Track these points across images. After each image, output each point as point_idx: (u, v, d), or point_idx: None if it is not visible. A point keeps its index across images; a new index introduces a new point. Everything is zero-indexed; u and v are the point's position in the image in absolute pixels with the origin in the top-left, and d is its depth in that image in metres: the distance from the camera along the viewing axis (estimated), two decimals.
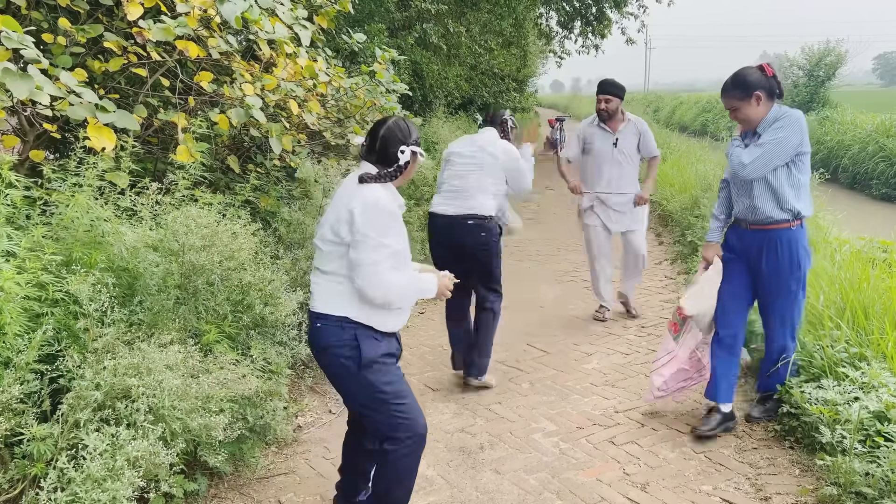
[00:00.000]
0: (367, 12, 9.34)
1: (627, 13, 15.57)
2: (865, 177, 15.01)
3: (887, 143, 14.83)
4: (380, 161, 2.52)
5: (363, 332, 2.43)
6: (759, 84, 3.22)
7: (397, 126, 2.53)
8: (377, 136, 2.52)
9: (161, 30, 3.92)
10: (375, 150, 2.52)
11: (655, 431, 3.52)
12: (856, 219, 9.95)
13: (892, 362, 3.22)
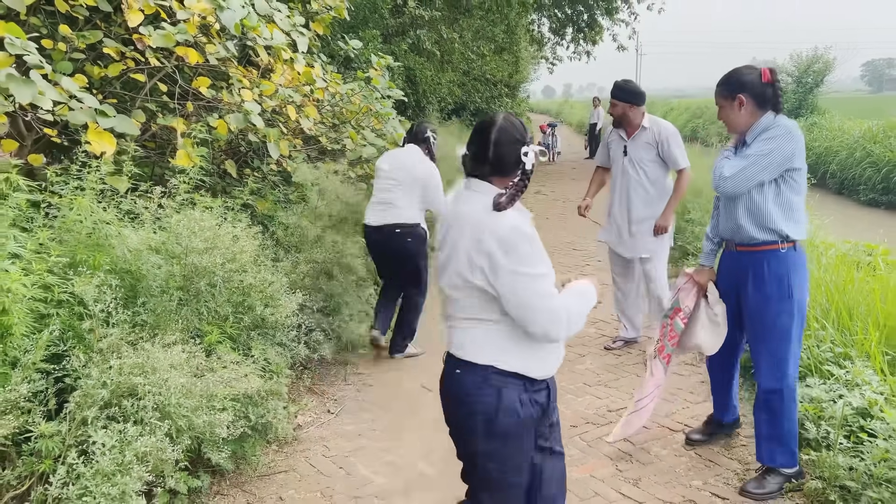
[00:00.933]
0: (361, 18, 9.43)
1: (619, 20, 15.76)
2: (853, 182, 15.21)
3: (874, 149, 15.04)
4: (497, 172, 2.01)
5: (513, 385, 2.00)
6: (747, 87, 2.91)
7: (511, 125, 2.02)
8: (487, 141, 1.99)
9: (161, 36, 4.00)
10: (489, 159, 1.99)
11: (647, 429, 3.60)
12: (843, 224, 10.08)
13: (874, 361, 3.32)
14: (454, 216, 2.05)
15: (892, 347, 3.47)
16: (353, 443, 3.55)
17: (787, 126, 2.87)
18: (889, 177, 14.05)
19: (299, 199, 5.09)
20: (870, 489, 2.65)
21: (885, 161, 14.34)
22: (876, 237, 6.10)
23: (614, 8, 15.29)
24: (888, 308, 3.61)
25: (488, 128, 2.01)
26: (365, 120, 6.19)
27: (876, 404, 2.96)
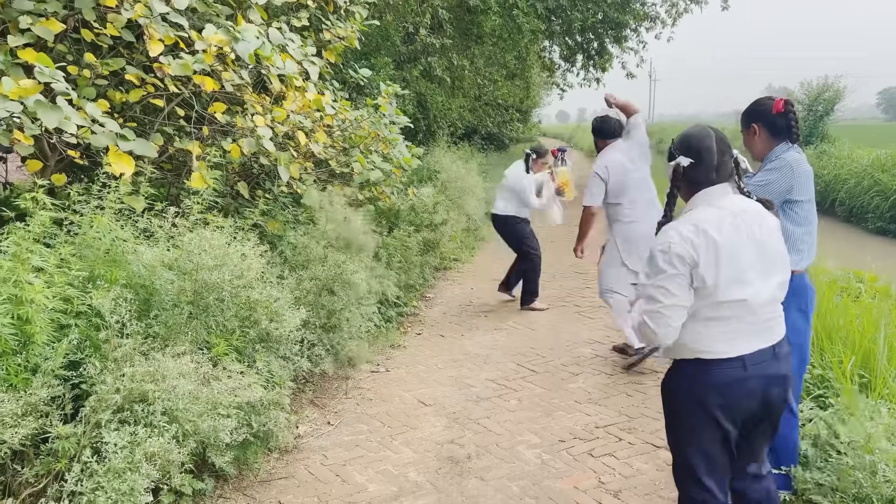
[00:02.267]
0: (373, 46, 9.72)
1: (628, 48, 16.01)
2: (861, 210, 15.27)
3: (882, 177, 15.11)
4: (734, 174, 2.31)
5: None
6: (761, 117, 3.05)
7: (717, 132, 2.30)
8: (722, 148, 2.27)
9: (180, 65, 4.25)
10: (723, 165, 2.27)
11: (632, 445, 3.75)
12: (850, 251, 10.18)
13: (846, 382, 3.46)
14: (726, 222, 2.19)
15: (867, 370, 3.61)
16: (351, 452, 3.72)
17: (789, 160, 2.97)
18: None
19: (308, 219, 5.31)
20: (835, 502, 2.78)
21: (893, 189, 14.41)
22: (883, 265, 6.20)
23: (623, 37, 15.54)
24: (864, 332, 3.75)
25: (709, 140, 2.26)
26: (373, 145, 6.42)
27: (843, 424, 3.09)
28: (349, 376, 4.79)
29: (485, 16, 11.92)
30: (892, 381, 3.42)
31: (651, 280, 2.23)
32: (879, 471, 2.60)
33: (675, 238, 2.17)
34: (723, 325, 2.23)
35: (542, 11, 12.84)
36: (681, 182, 2.31)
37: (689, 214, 2.25)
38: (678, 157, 2.28)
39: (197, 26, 4.70)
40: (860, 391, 3.47)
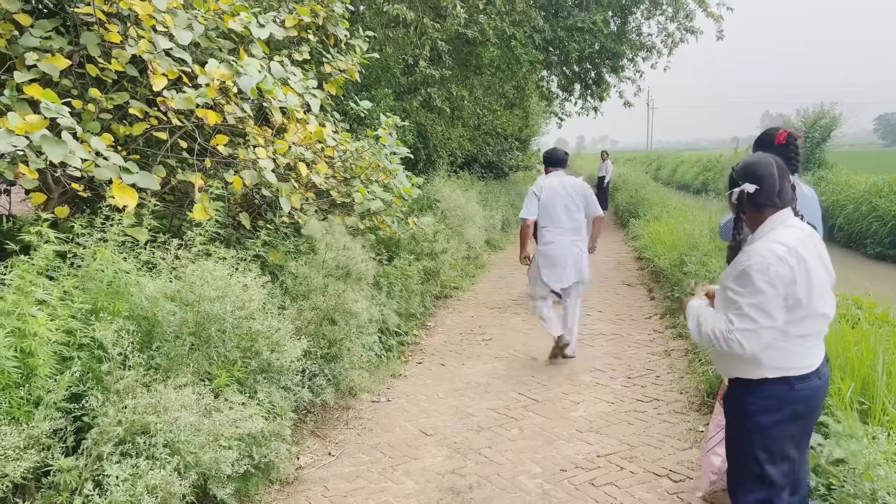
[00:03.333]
0: (374, 78, 9.84)
1: (625, 77, 16.18)
2: (860, 236, 15.31)
3: (880, 203, 15.17)
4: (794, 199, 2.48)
5: None
6: (761, 147, 3.33)
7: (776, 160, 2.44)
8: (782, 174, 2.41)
9: (183, 99, 4.33)
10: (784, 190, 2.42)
11: (633, 474, 3.74)
12: (849, 277, 10.19)
13: (846, 411, 3.46)
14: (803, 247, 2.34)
15: (867, 397, 3.61)
16: (352, 483, 3.71)
17: None
18: (895, 230, 14.15)
19: (309, 249, 5.34)
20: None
21: (891, 215, 14.46)
22: (872, 291, 6.22)
23: (620, 66, 15.70)
24: (863, 359, 3.76)
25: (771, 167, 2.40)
26: (374, 175, 6.48)
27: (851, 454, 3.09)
28: (350, 406, 4.79)
29: (483, 47, 12.08)
30: (892, 408, 3.42)
31: (747, 299, 2.30)
32: (879, 498, 2.60)
33: (772, 259, 2.28)
34: (809, 341, 2.38)
35: (540, 43, 13.00)
36: (746, 207, 2.43)
37: (772, 235, 2.36)
38: (743, 185, 2.41)
39: (200, 60, 4.78)
40: (860, 418, 3.46)
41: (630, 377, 5.40)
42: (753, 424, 2.44)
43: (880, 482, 2.65)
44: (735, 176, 2.48)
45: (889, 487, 2.61)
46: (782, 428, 2.41)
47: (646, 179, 22.56)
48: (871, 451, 2.88)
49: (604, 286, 9.15)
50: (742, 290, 2.31)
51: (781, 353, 2.35)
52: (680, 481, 3.65)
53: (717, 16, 14.47)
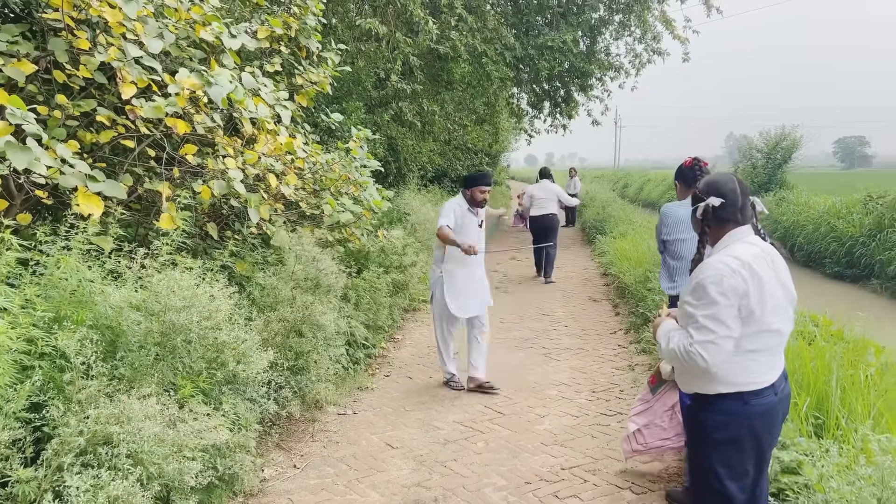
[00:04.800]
0: (345, 91, 9.87)
1: (593, 96, 16.45)
2: (819, 255, 15.70)
3: (838, 224, 15.59)
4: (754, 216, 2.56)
5: None
6: (677, 175, 4.12)
7: (737, 177, 2.56)
8: (744, 190, 2.51)
9: (153, 108, 4.31)
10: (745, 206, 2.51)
11: (596, 487, 3.79)
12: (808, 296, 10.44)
13: (801, 424, 3.56)
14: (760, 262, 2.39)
15: (822, 411, 3.72)
16: (317, 496, 3.70)
17: (663, 211, 4.09)
18: (852, 251, 14.55)
19: (277, 261, 5.33)
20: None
21: (848, 236, 14.88)
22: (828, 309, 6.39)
23: (589, 85, 15.97)
24: (819, 375, 3.88)
25: (738, 183, 2.50)
26: (344, 187, 6.50)
27: (802, 464, 3.18)
28: (316, 419, 4.78)
29: (455, 63, 12.20)
30: (845, 422, 3.53)
31: (702, 311, 2.34)
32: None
33: (725, 271, 2.33)
34: (761, 356, 2.41)
35: (511, 60, 13.18)
36: (711, 221, 2.50)
37: (728, 250, 2.43)
38: (708, 199, 2.48)
39: (170, 69, 4.77)
40: (815, 432, 3.57)
41: (594, 391, 5.47)
42: (711, 440, 2.46)
43: (832, 494, 2.73)
44: (699, 192, 2.54)
45: (840, 499, 2.70)
46: (739, 443, 2.44)
47: (613, 197, 22.89)
48: (823, 463, 2.96)
49: (570, 301, 9.25)
50: (697, 302, 2.36)
51: (734, 367, 2.39)
52: (641, 493, 3.71)
53: (684, 38, 14.82)
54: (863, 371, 4.01)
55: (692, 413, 2.56)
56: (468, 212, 5.59)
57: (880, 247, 13.65)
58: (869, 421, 3.38)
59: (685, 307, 2.43)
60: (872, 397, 3.75)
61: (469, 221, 5.58)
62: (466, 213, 5.59)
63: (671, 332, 2.51)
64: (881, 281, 13.03)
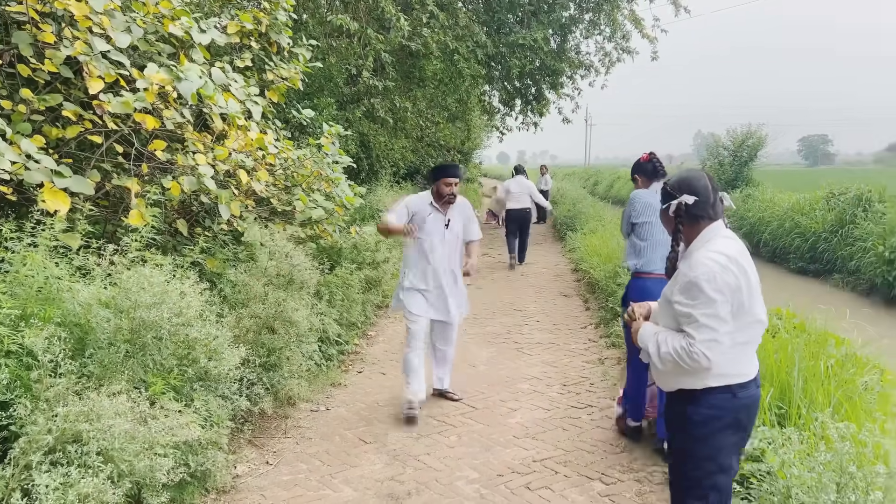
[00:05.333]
0: (316, 87, 9.84)
1: (564, 94, 16.60)
2: (783, 251, 16.03)
3: (802, 220, 15.92)
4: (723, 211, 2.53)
5: None
6: (636, 170, 4.38)
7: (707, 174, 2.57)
8: (715, 186, 2.51)
9: (121, 103, 4.26)
10: (717, 202, 2.50)
11: (567, 478, 3.85)
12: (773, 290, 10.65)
13: (764, 414, 3.66)
14: (744, 256, 2.42)
15: (784, 401, 3.83)
16: (290, 492, 3.70)
17: (632, 196, 4.33)
18: (815, 246, 14.88)
19: (248, 257, 5.30)
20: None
21: (812, 231, 15.21)
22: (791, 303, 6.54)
23: (560, 83, 16.12)
24: (782, 366, 3.98)
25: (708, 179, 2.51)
26: (316, 183, 6.48)
27: (765, 451, 3.28)
28: (289, 415, 4.77)
29: (426, 60, 12.22)
30: (806, 411, 3.63)
31: (702, 310, 2.30)
32: (793, 495, 2.76)
33: (716, 268, 2.31)
34: (748, 348, 2.44)
35: (482, 57, 13.24)
36: (684, 219, 2.48)
37: (710, 245, 2.40)
38: (681, 197, 2.46)
39: (138, 64, 4.71)
40: (778, 421, 3.67)
41: (565, 385, 5.54)
42: (699, 435, 2.43)
43: (794, 480, 2.82)
44: (670, 189, 2.53)
45: (802, 485, 2.78)
46: (726, 437, 2.42)
47: (583, 194, 23.07)
48: (785, 450, 3.05)
49: (542, 297, 9.34)
50: (693, 301, 2.32)
51: (725, 360, 2.36)
52: (611, 484, 3.78)
53: (653, 37, 15.02)
54: (824, 362, 4.12)
55: (676, 410, 2.51)
56: (433, 209, 4.90)
57: (842, 242, 13.98)
58: (829, 409, 3.48)
59: (677, 307, 2.37)
60: (832, 387, 3.86)
61: (433, 221, 4.88)
62: (430, 210, 4.89)
63: (658, 336, 2.46)
64: (842, 275, 13.34)
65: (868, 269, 12.43)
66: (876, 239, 12.59)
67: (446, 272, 4.94)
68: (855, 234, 13.69)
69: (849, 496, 2.58)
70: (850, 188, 15.33)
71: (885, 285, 11.67)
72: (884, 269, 11.82)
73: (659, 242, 4.13)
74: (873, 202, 14.33)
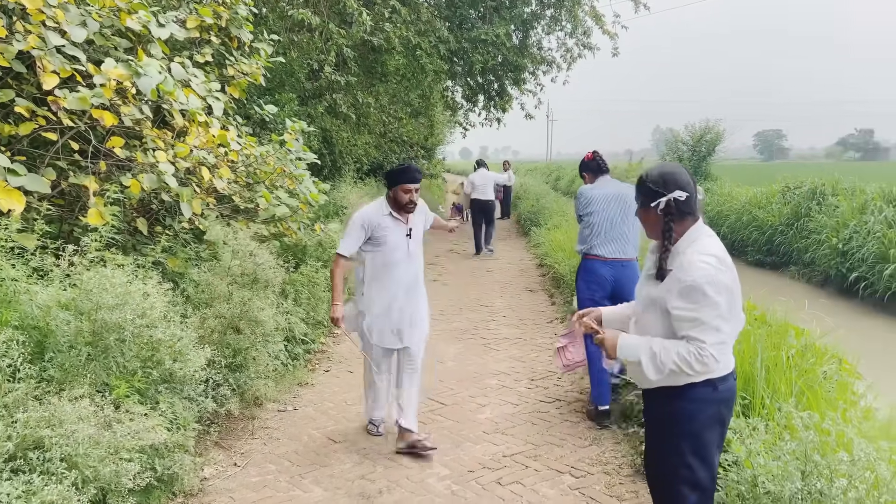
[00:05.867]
0: (278, 82, 9.71)
1: (526, 90, 16.68)
2: (742, 244, 16.39)
3: (759, 213, 16.30)
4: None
5: None
6: (583, 168, 4.96)
7: (685, 167, 2.51)
8: (694, 180, 2.42)
9: (77, 99, 4.14)
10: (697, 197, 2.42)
11: (537, 472, 3.88)
12: None
13: None
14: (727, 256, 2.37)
15: (748, 392, 3.90)
16: (259, 493, 3.65)
17: (579, 191, 4.85)
18: (772, 239, 15.24)
19: (211, 256, 5.20)
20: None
21: (768, 225, 15.57)
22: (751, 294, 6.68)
23: (522, 79, 16.19)
24: (744, 357, 4.07)
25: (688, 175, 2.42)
26: (279, 180, 6.40)
27: (731, 442, 3.34)
28: (256, 416, 4.71)
29: (389, 55, 12.15)
30: (769, 401, 3.72)
31: (708, 312, 2.23)
32: (760, 484, 2.82)
33: (711, 270, 2.24)
34: (732, 341, 2.40)
35: (445, 53, 13.22)
36: (675, 216, 2.36)
37: (697, 246, 2.32)
38: (673, 193, 2.34)
39: (95, 59, 4.59)
40: (743, 412, 3.74)
41: (533, 379, 5.58)
42: (683, 430, 2.39)
43: (760, 469, 2.88)
44: (654, 186, 2.39)
45: (768, 474, 2.84)
46: (709, 432, 2.39)
47: (546, 189, 23.23)
48: (751, 440, 3.12)
49: (508, 292, 9.38)
50: (696, 305, 2.24)
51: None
52: (581, 477, 3.82)
53: (613, 33, 15.17)
54: (785, 352, 4.21)
55: (658, 408, 2.48)
56: (392, 220, 4.19)
57: (797, 235, 14.35)
58: (792, 399, 3.56)
59: (678, 312, 2.28)
60: (794, 377, 3.95)
61: (394, 233, 4.18)
62: (389, 221, 4.17)
63: (653, 346, 2.35)
64: (798, 267, 13.71)
65: (822, 260, 12.79)
66: (830, 231, 12.95)
67: (411, 289, 4.24)
68: (810, 226, 14.07)
69: (814, 484, 2.64)
70: (805, 182, 15.73)
71: (839, 276, 12.02)
72: (837, 260, 12.17)
73: (600, 231, 4.62)
74: (827, 195, 14.73)
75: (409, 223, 4.24)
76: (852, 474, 2.56)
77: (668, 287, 2.32)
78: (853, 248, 11.84)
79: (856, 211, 12.92)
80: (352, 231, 4.16)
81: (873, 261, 11.20)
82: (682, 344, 2.29)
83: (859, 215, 12.66)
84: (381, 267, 4.18)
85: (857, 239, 11.89)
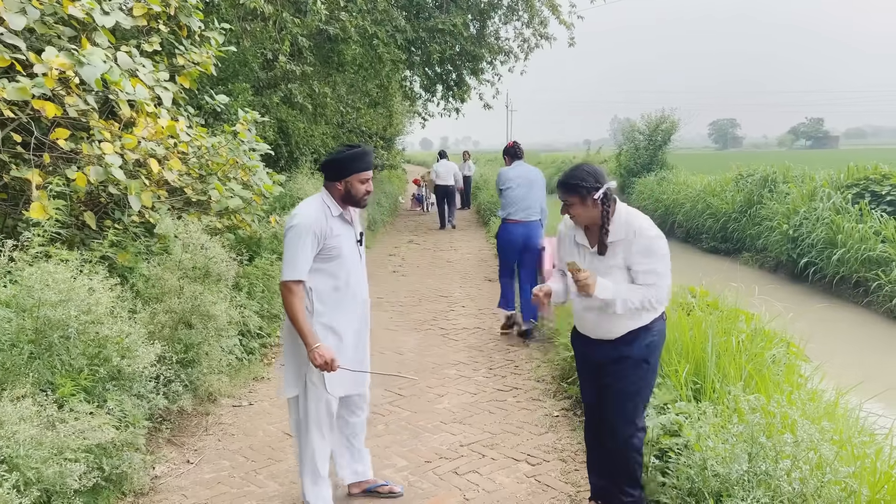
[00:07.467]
0: (231, 72, 9.52)
1: (484, 80, 16.68)
2: (696, 231, 16.70)
3: (713, 201, 16.62)
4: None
5: None
6: (505, 153, 6.67)
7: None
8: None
9: (16, 89, 4.00)
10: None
11: (494, 461, 3.90)
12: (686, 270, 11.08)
13: (681, 389, 3.81)
14: None
15: (699, 377, 3.99)
16: (212, 490, 3.60)
17: (499, 172, 6.59)
18: (726, 226, 15.56)
19: (162, 250, 5.09)
20: (680, 500, 3.04)
21: (722, 212, 15.89)
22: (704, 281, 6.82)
23: (480, 69, 16.19)
24: (696, 342, 4.15)
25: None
26: (232, 172, 6.28)
27: (682, 426, 3.40)
28: (210, 412, 4.64)
29: (345, 45, 12.00)
30: (719, 385, 3.80)
31: (662, 264, 2.80)
32: (708, 466, 2.88)
33: (653, 227, 2.82)
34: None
35: (402, 42, 13.13)
36: (610, 201, 2.84)
37: (634, 217, 2.86)
38: (608, 184, 2.83)
39: (36, 48, 4.44)
40: (694, 396, 3.82)
41: (491, 368, 5.61)
42: (654, 361, 2.97)
43: (709, 452, 2.94)
44: (588, 183, 2.82)
45: (716, 456, 2.90)
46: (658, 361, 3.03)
47: None
48: (701, 424, 3.18)
49: (467, 283, 9.40)
50: (653, 258, 2.78)
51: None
52: (537, 464, 3.85)
53: (569, 24, 15.26)
54: (735, 337, 4.31)
55: (632, 345, 2.89)
56: (342, 222, 3.17)
57: (750, 222, 14.68)
58: (740, 383, 3.64)
59: (639, 267, 2.79)
60: (744, 361, 4.04)
61: (348, 240, 3.19)
62: (339, 224, 3.15)
63: (621, 291, 2.80)
64: (751, 253, 14.03)
65: (774, 246, 13.11)
66: (781, 218, 13.27)
67: (364, 305, 3.32)
68: (762, 213, 14.39)
69: (759, 465, 2.71)
70: (757, 170, 16.07)
71: (790, 262, 12.34)
72: (788, 246, 12.48)
73: (515, 201, 6.32)
74: (778, 183, 15.08)
75: (356, 225, 3.28)
76: (796, 455, 2.63)
77: (624, 252, 2.82)
78: (803, 234, 12.15)
79: (805, 197, 13.25)
80: (300, 244, 3.01)
81: (822, 246, 11.51)
82: (642, 289, 2.81)
83: (809, 202, 12.99)
84: (341, 287, 3.15)
85: (807, 225, 12.20)
